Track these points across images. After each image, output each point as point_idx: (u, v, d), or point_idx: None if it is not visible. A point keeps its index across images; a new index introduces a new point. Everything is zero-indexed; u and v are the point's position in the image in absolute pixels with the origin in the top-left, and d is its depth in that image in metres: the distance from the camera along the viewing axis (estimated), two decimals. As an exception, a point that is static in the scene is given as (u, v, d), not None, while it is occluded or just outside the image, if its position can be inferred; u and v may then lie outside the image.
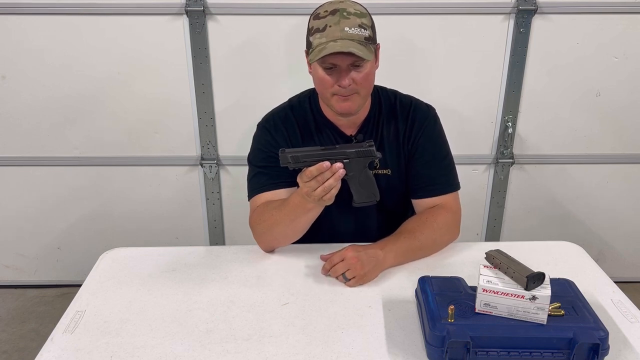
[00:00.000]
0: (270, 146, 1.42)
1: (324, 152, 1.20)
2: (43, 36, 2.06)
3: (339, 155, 1.20)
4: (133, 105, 2.17)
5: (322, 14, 1.28)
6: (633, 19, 2.05)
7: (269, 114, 1.49)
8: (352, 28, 1.25)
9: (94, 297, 1.23)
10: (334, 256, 1.29)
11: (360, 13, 1.29)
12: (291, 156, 1.20)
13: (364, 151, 1.21)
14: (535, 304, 1.00)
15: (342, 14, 1.26)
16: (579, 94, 2.17)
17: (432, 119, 1.46)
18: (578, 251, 1.45)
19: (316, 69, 1.31)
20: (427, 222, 1.40)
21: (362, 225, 1.51)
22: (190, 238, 2.42)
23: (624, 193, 2.37)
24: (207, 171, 2.27)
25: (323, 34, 1.26)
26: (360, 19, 1.27)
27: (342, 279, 1.26)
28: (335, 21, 1.25)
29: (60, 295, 2.46)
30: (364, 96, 1.34)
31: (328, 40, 1.24)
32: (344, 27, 1.25)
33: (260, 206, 1.41)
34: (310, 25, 1.31)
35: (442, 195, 1.43)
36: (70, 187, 2.32)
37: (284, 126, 1.44)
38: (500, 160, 2.27)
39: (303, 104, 1.47)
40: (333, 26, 1.25)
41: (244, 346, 1.06)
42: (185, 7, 2.00)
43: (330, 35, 1.25)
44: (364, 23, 1.28)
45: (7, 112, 2.18)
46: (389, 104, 1.46)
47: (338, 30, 1.24)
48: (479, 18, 2.05)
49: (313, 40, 1.28)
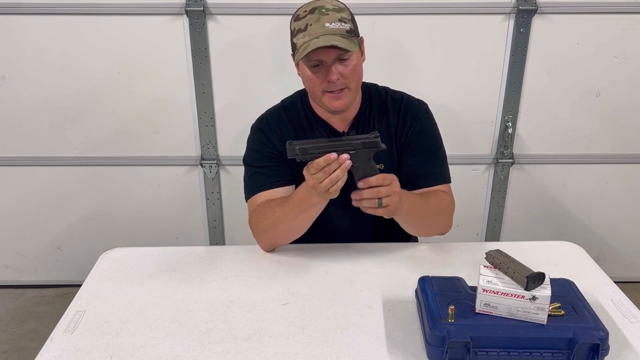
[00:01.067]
0: (265, 146, 1.43)
1: (330, 144, 1.20)
2: (43, 36, 2.06)
3: (346, 147, 1.20)
4: (133, 105, 2.17)
5: (302, 14, 1.31)
6: (633, 19, 2.05)
7: (262, 115, 1.50)
8: (333, 23, 1.27)
9: (94, 297, 1.23)
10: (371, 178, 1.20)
11: (339, 8, 1.31)
12: (299, 148, 1.20)
13: (369, 142, 1.21)
14: (535, 304, 1.00)
15: (320, 11, 1.28)
16: (579, 94, 2.17)
17: (424, 112, 1.47)
18: (578, 251, 1.45)
19: (304, 69, 1.33)
20: (433, 193, 1.40)
21: (358, 223, 1.51)
22: (190, 238, 2.42)
23: (624, 193, 2.37)
24: (207, 171, 2.27)
25: (305, 33, 1.27)
26: (340, 14, 1.29)
27: (374, 203, 1.20)
28: (315, 19, 1.27)
29: (60, 295, 2.46)
30: (354, 90, 1.35)
31: (311, 38, 1.26)
32: (324, 23, 1.26)
33: (260, 205, 1.41)
34: (292, 28, 1.33)
35: (436, 186, 1.44)
36: (70, 187, 2.32)
37: (278, 127, 1.44)
38: (500, 160, 2.27)
39: (295, 104, 1.48)
40: (314, 24, 1.27)
41: (244, 346, 1.06)
42: (185, 7, 2.00)
43: (313, 33, 1.26)
44: (343, 17, 1.29)
45: (7, 112, 2.18)
46: (380, 99, 1.47)
47: (319, 27, 1.26)
48: (479, 18, 2.05)
49: (297, 41, 1.30)
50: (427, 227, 1.43)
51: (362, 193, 1.20)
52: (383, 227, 1.51)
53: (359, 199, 1.21)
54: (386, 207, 1.20)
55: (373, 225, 1.51)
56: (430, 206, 1.36)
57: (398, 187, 1.22)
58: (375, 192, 1.19)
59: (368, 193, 1.19)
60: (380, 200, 1.19)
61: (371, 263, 1.35)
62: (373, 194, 1.19)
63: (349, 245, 1.44)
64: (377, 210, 1.21)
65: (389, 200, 1.20)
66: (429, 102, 1.50)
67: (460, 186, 1.50)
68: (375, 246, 1.43)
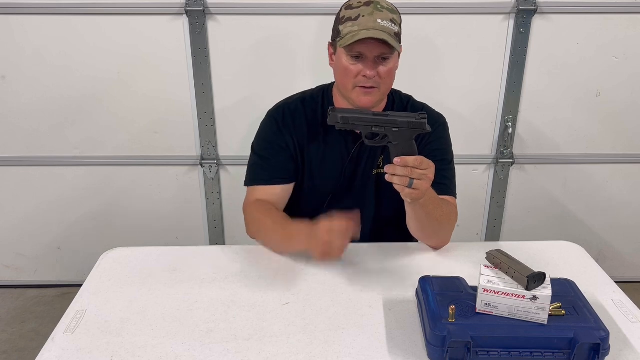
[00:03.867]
0: (275, 136, 1.44)
1: (374, 118, 1.19)
2: (43, 36, 2.06)
3: (389, 124, 1.18)
4: (133, 105, 2.17)
5: (356, 4, 1.30)
6: (633, 19, 2.05)
7: (281, 103, 1.49)
8: (385, 21, 1.27)
9: (94, 296, 1.23)
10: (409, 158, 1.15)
11: (393, 10, 1.32)
12: (341, 117, 1.20)
13: (415, 122, 1.18)
14: (536, 304, 1.00)
15: (376, 7, 1.28)
16: (579, 94, 2.17)
17: (442, 125, 1.47)
18: (578, 251, 1.45)
19: (340, 59, 1.32)
20: (445, 201, 1.38)
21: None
22: (190, 238, 2.42)
23: (624, 193, 2.37)
24: (207, 171, 2.27)
25: (355, 23, 1.27)
26: (392, 15, 1.30)
27: (405, 182, 1.16)
28: (369, 12, 1.27)
29: (60, 295, 2.46)
30: (383, 92, 1.35)
31: (360, 29, 1.26)
32: (377, 18, 1.26)
33: (257, 208, 1.41)
34: (342, 15, 1.32)
35: (444, 196, 1.42)
36: (70, 187, 2.32)
37: (292, 118, 1.44)
38: (500, 160, 2.27)
39: (315, 98, 1.47)
40: (366, 16, 1.27)
41: (244, 346, 1.06)
42: (185, 7, 2.00)
43: (363, 25, 1.26)
44: (395, 19, 1.30)
45: (7, 112, 2.18)
46: (402, 105, 1.47)
47: (371, 21, 1.26)
48: (479, 18, 2.05)
49: (343, 28, 1.30)
50: (433, 229, 1.38)
51: (395, 169, 1.16)
52: (382, 228, 1.51)
53: (392, 174, 1.17)
54: (415, 189, 1.16)
55: (373, 226, 1.51)
56: (443, 210, 1.35)
57: (432, 174, 1.19)
58: (409, 171, 1.15)
59: (401, 170, 1.15)
60: (411, 180, 1.15)
61: (372, 263, 1.35)
62: (406, 173, 1.15)
63: (349, 245, 1.43)
64: (404, 190, 1.17)
65: (419, 184, 1.16)
66: (429, 102, 1.50)
67: (461, 186, 1.50)
68: (375, 246, 1.43)
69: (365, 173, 1.46)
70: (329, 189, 1.47)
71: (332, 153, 1.45)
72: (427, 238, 1.41)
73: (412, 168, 1.15)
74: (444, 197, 1.40)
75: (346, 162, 1.44)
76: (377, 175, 1.46)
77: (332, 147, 1.44)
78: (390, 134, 1.19)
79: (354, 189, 1.48)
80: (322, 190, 1.48)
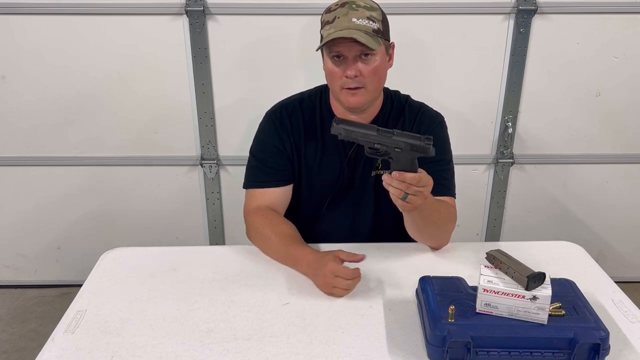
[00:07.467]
0: (272, 138, 1.44)
1: (377, 137, 1.17)
2: (43, 36, 2.06)
3: (392, 144, 1.16)
4: (133, 105, 2.17)
5: (333, 7, 1.32)
6: (633, 19, 2.05)
7: (279, 104, 1.49)
8: (360, 19, 1.27)
9: (94, 296, 1.23)
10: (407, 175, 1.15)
11: (370, 7, 1.31)
12: (344, 129, 1.20)
13: (418, 146, 1.16)
14: (536, 304, 1.00)
15: (350, 6, 1.29)
16: (579, 94, 2.17)
17: (439, 124, 1.46)
18: (578, 251, 1.45)
19: (326, 62, 1.33)
20: (443, 203, 1.38)
21: (355, 226, 1.52)
22: (190, 238, 2.42)
23: (624, 193, 2.37)
24: (207, 171, 2.27)
25: (332, 25, 1.28)
26: (370, 12, 1.29)
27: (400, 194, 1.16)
28: (344, 12, 1.28)
29: (60, 295, 2.46)
30: (370, 91, 1.33)
31: (335, 30, 1.26)
32: (351, 17, 1.27)
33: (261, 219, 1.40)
34: (322, 19, 1.33)
35: (443, 197, 1.42)
36: (70, 187, 2.32)
37: (290, 120, 1.44)
38: (500, 160, 2.27)
39: (313, 99, 1.47)
40: (341, 17, 1.27)
41: (244, 346, 1.06)
42: (185, 7, 2.00)
43: (339, 26, 1.27)
44: (373, 16, 1.29)
45: (7, 112, 2.18)
46: (400, 106, 1.46)
47: (346, 21, 1.26)
48: (479, 18, 2.05)
49: (323, 32, 1.31)
50: (430, 232, 1.38)
51: (392, 181, 1.16)
52: (382, 229, 1.51)
53: (389, 184, 1.17)
54: (408, 203, 1.17)
55: (372, 226, 1.51)
56: (441, 213, 1.34)
57: (428, 193, 1.20)
58: (405, 186, 1.16)
59: (398, 184, 1.16)
60: (406, 194, 1.16)
61: (371, 263, 1.35)
62: (402, 188, 1.16)
63: (349, 245, 1.43)
64: (398, 201, 1.18)
65: (413, 199, 1.17)
66: (429, 102, 1.50)
67: (461, 186, 1.50)
68: (375, 246, 1.43)
69: (364, 175, 1.46)
70: (328, 190, 1.47)
71: (330, 154, 1.45)
72: (425, 240, 1.41)
73: (408, 184, 1.15)
74: (442, 198, 1.39)
75: (344, 163, 1.44)
76: (375, 176, 1.45)
77: (330, 149, 1.44)
78: (392, 152, 1.17)
79: (353, 190, 1.47)
80: (321, 191, 1.48)
